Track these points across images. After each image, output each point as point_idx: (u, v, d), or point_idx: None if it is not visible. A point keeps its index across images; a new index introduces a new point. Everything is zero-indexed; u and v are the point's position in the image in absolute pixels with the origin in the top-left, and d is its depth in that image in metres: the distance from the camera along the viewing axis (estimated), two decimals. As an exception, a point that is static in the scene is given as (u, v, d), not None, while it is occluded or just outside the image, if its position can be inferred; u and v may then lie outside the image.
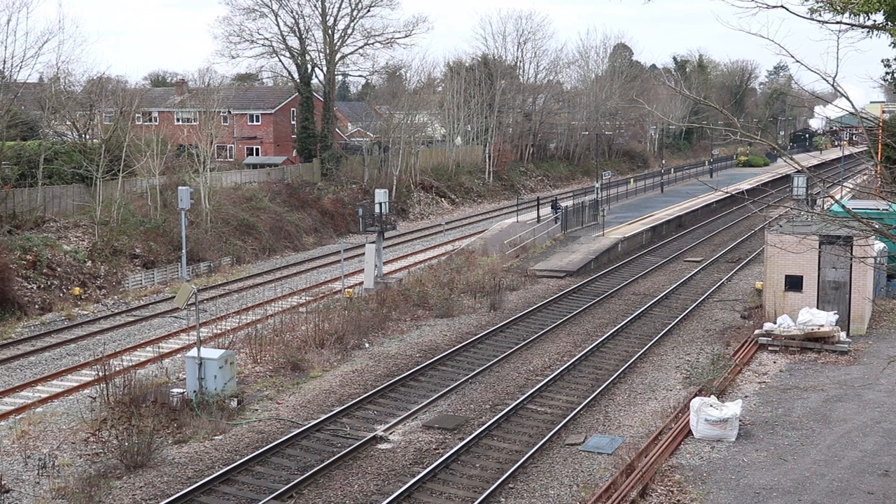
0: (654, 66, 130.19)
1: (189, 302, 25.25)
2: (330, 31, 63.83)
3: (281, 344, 27.63)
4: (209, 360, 22.65)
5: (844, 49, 12.28)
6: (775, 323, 28.01)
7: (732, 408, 20.01)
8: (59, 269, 36.69)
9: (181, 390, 22.95)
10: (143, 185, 47.10)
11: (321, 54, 64.76)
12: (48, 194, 42.79)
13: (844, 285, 28.67)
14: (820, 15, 12.37)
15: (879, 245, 28.69)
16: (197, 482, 17.97)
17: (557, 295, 36.29)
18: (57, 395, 24.30)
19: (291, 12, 63.15)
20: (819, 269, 28.88)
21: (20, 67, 42.27)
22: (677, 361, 26.93)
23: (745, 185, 68.08)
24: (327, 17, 63.48)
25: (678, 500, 16.84)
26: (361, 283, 38.14)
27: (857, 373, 24.74)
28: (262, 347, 27.15)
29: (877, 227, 13.13)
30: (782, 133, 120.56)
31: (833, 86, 11.51)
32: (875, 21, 12.42)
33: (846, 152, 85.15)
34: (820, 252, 28.56)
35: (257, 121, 73.87)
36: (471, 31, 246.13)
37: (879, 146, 38.61)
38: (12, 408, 23.35)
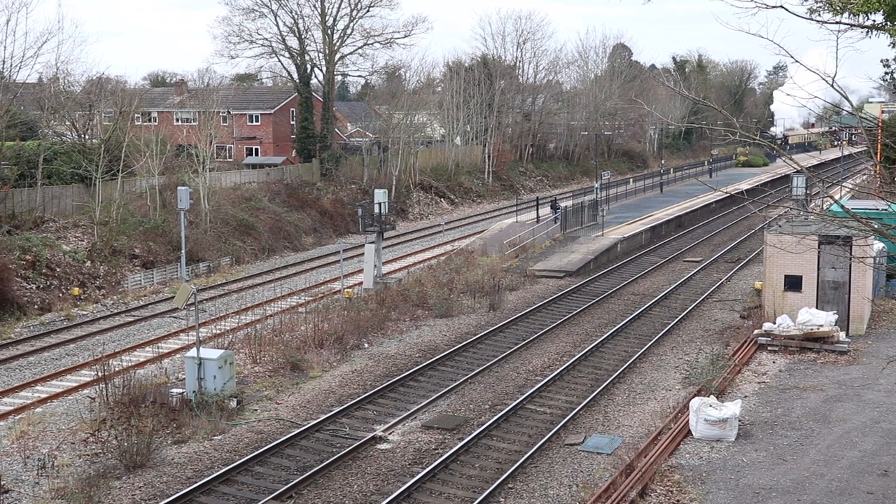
0: (653, 66, 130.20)
1: (188, 302, 25.26)
2: (329, 32, 63.83)
3: (280, 344, 27.62)
4: (208, 360, 22.65)
5: (844, 49, 12.28)
6: (775, 323, 28.00)
7: (732, 408, 20.02)
8: (58, 270, 36.68)
9: (180, 390, 22.95)
10: (142, 186, 47.09)
11: (320, 54, 64.77)
12: (47, 194, 42.78)
13: (844, 285, 28.67)
14: (819, 15, 12.38)
15: (879, 245, 28.70)
16: (196, 482, 17.97)
17: (557, 295, 36.29)
18: (56, 396, 24.29)
19: (291, 12, 63.19)
20: (818, 269, 28.89)
21: (19, 67, 42.43)
22: (677, 361, 26.93)
23: (744, 185, 68.08)
24: (327, 18, 63.48)
25: (677, 500, 16.85)
26: (361, 283, 38.13)
27: (856, 373, 24.74)
28: (261, 347, 27.14)
29: (876, 227, 13.13)
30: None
31: (832, 86, 11.51)
32: (874, 21, 12.41)
33: (845, 152, 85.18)
34: (819, 252, 28.57)
35: (257, 121, 73.86)
36: (470, 31, 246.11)
37: (879, 146, 38.65)
38: (12, 408, 23.34)
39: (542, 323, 31.81)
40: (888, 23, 12.38)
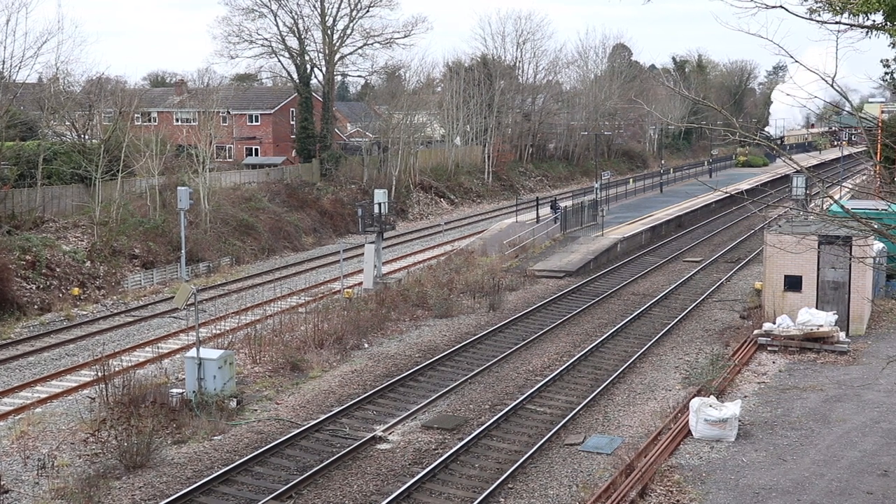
0: (653, 66, 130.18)
1: (188, 302, 25.26)
2: (329, 32, 63.83)
3: (280, 344, 27.62)
4: (208, 360, 22.65)
5: (844, 49, 12.28)
6: (774, 323, 28.00)
7: (732, 408, 20.02)
8: (58, 270, 36.68)
9: (180, 390, 22.95)
10: (142, 186, 47.10)
11: (320, 54, 64.77)
12: (47, 195, 42.77)
13: (843, 285, 28.67)
14: (819, 15, 12.37)
15: (878, 245, 28.69)
16: (196, 482, 17.97)
17: (557, 295, 36.28)
18: (56, 396, 24.29)
19: (290, 12, 63.18)
20: (818, 269, 28.89)
21: (19, 68, 42.43)
22: (676, 361, 26.93)
23: (744, 186, 68.06)
24: (326, 18, 63.48)
25: (677, 501, 16.85)
26: (361, 283, 38.13)
27: (856, 373, 24.75)
28: (261, 348, 27.15)
29: (876, 227, 13.13)
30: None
31: (832, 86, 11.51)
32: (874, 21, 12.41)
33: (845, 152, 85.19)
34: (819, 252, 28.57)
35: (256, 121, 73.86)
36: (470, 31, 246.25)
37: (878, 146, 38.66)
38: (11, 408, 23.34)
39: (542, 323, 31.81)
40: (888, 23, 12.37)
